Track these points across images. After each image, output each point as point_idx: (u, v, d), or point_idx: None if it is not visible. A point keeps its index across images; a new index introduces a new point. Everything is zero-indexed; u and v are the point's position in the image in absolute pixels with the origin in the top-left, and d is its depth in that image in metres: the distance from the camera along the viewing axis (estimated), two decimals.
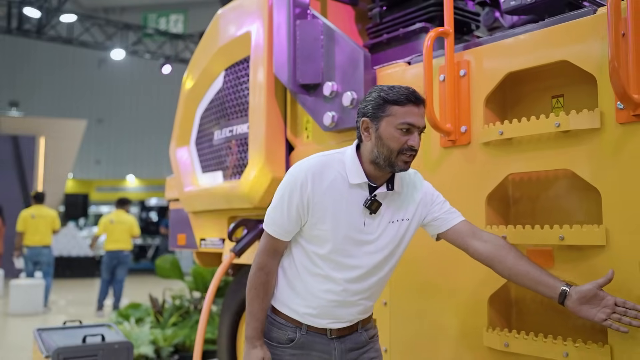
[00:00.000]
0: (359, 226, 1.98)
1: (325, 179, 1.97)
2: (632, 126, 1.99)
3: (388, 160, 1.95)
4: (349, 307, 2.05)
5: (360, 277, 2.02)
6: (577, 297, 1.89)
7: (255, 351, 2.04)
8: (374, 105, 1.96)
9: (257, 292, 2.06)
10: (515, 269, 2.00)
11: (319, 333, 2.06)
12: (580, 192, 2.24)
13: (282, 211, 1.99)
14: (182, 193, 4.17)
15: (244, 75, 3.63)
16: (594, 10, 2.15)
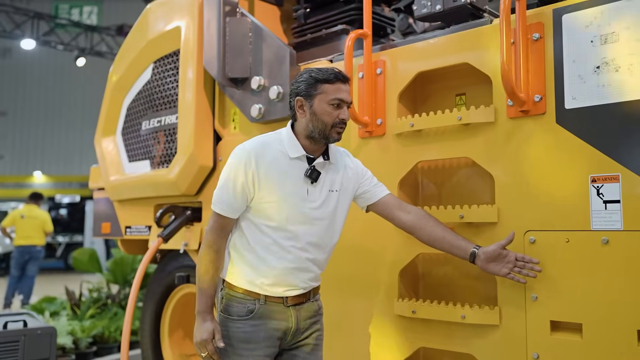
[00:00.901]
0: (303, 195, 2.18)
1: (268, 156, 2.16)
2: (519, 120, 2.34)
3: (323, 133, 2.17)
4: (302, 273, 2.21)
5: (310, 243, 2.20)
6: (485, 256, 2.21)
7: (207, 324, 2.18)
8: (307, 85, 2.18)
9: (206, 268, 2.20)
10: (434, 234, 2.30)
11: (277, 302, 2.20)
12: (477, 177, 2.58)
13: (229, 190, 2.16)
14: (108, 182, 4.24)
15: (173, 67, 3.77)
16: (491, 21, 2.50)
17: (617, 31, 2.13)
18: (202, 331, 2.17)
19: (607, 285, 2.09)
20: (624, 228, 2.06)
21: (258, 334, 2.19)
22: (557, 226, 2.21)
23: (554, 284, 2.21)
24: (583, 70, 2.19)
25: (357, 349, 2.80)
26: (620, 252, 2.07)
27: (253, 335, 2.19)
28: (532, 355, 2.24)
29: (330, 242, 2.29)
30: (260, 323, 2.19)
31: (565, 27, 2.24)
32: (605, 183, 2.11)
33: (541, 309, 2.24)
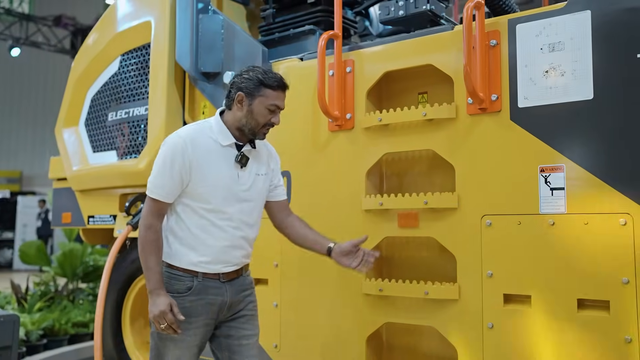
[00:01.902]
0: (234, 178, 2.37)
1: (201, 143, 2.34)
2: (477, 117, 2.63)
3: (252, 131, 2.38)
4: (236, 250, 2.42)
5: (242, 222, 2.40)
6: (339, 250, 2.45)
7: (162, 299, 2.27)
8: (252, 85, 2.34)
9: (150, 248, 2.31)
10: (301, 232, 2.56)
11: (213, 278, 2.38)
12: (439, 167, 2.85)
13: (165, 175, 2.30)
14: (71, 172, 4.29)
15: (142, 61, 3.88)
16: (452, 27, 2.78)
17: (563, 40, 2.44)
18: (159, 304, 2.26)
19: (552, 261, 2.41)
20: (567, 211, 2.38)
21: (196, 309, 2.37)
22: (511, 210, 2.51)
23: (507, 262, 2.51)
24: (534, 74, 2.50)
25: (326, 326, 3.02)
26: (564, 232, 2.39)
27: (192, 309, 2.36)
28: (488, 325, 2.53)
29: (258, 220, 2.51)
30: (197, 298, 2.37)
31: (519, 35, 2.55)
32: (552, 173, 2.42)
33: (495, 284, 2.53)
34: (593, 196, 2.34)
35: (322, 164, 3.10)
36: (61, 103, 4.54)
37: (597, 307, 2.32)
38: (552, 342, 2.38)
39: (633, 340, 2.22)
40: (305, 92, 3.21)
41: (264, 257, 3.23)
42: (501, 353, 2.50)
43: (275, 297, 3.22)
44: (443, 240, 2.69)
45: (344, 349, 2.96)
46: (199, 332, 2.40)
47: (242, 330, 2.48)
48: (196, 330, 2.39)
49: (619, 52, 2.32)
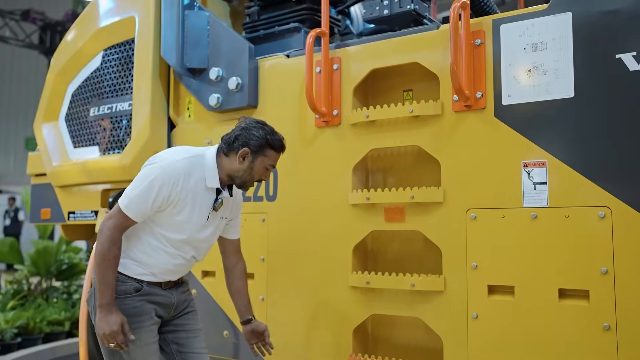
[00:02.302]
0: (203, 221, 2.49)
1: (192, 180, 2.41)
2: (463, 114, 2.72)
3: (243, 184, 2.51)
4: (180, 274, 2.60)
5: (193, 256, 2.56)
6: (253, 327, 2.72)
7: (113, 316, 2.29)
8: (259, 144, 2.45)
9: (111, 263, 2.33)
10: (238, 290, 2.76)
11: (156, 286, 2.51)
12: (424, 163, 2.93)
13: (148, 199, 2.33)
14: (51, 168, 4.25)
15: (126, 56, 3.87)
16: (438, 27, 2.86)
17: (545, 41, 2.54)
18: (112, 323, 2.28)
19: (534, 253, 2.50)
20: (549, 205, 2.48)
21: (145, 306, 2.45)
22: (495, 204, 2.60)
23: (491, 254, 2.60)
24: (517, 72, 2.59)
25: (312, 319, 3.07)
26: (545, 225, 2.48)
27: (142, 308, 2.44)
28: (472, 315, 2.62)
29: (205, 255, 2.66)
30: (147, 298, 2.47)
31: (503, 35, 2.64)
32: (535, 168, 2.52)
33: (480, 275, 2.62)
34: (574, 190, 2.44)
35: (308, 160, 3.15)
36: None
37: (578, 297, 2.42)
38: (535, 330, 2.47)
39: (611, 327, 2.33)
40: (292, 88, 3.26)
41: (250, 252, 3.26)
42: (486, 342, 2.59)
43: (261, 291, 3.26)
44: (429, 234, 2.77)
45: (330, 341, 3.01)
46: (154, 328, 2.50)
47: (189, 325, 2.63)
48: (152, 327, 2.48)
49: (599, 52, 2.42)
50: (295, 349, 3.13)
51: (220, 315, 3.40)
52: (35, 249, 6.48)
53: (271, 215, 3.26)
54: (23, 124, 23.83)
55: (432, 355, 2.85)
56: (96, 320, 2.32)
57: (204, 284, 3.50)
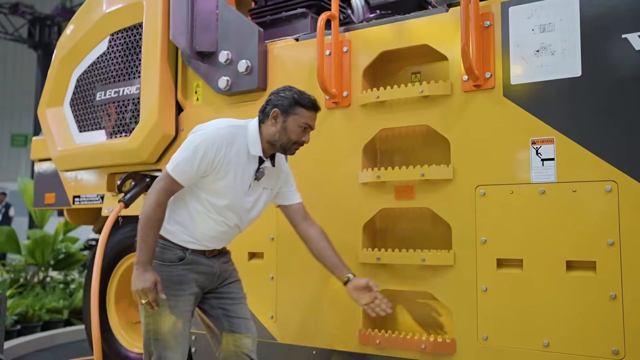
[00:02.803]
0: (246, 188, 2.55)
1: (234, 147, 2.49)
2: (472, 94, 2.80)
3: (284, 147, 2.55)
4: (224, 242, 2.67)
5: (235, 224, 2.61)
6: (354, 284, 2.62)
7: (148, 274, 2.39)
8: (288, 103, 2.53)
9: (153, 224, 2.43)
10: (324, 252, 2.71)
11: (200, 254, 2.59)
12: (432, 143, 3.00)
13: (193, 163, 2.42)
14: (56, 152, 4.27)
15: (133, 40, 3.91)
16: (447, 10, 2.93)
17: (553, 22, 2.63)
18: (144, 280, 2.37)
19: (542, 227, 2.59)
20: (557, 180, 2.57)
21: (188, 276, 2.55)
22: (503, 180, 2.69)
23: (500, 228, 2.68)
24: (525, 53, 2.68)
25: (322, 296, 3.14)
26: (553, 199, 2.57)
27: (185, 277, 2.54)
28: (482, 288, 2.70)
29: (248, 224, 2.71)
30: (190, 267, 2.56)
31: (511, 17, 2.72)
32: (543, 144, 2.60)
33: (489, 249, 2.70)
34: (581, 165, 2.52)
35: (318, 140, 3.20)
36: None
37: (585, 268, 2.51)
38: (543, 301, 2.56)
39: (617, 297, 2.42)
40: (301, 71, 3.32)
41: (260, 231, 3.33)
42: (495, 314, 2.67)
43: (271, 269, 3.32)
44: (438, 210, 2.84)
45: (341, 316, 3.08)
46: (191, 298, 2.59)
47: (233, 293, 2.72)
48: (189, 297, 2.57)
49: (605, 32, 2.51)
50: (304, 325, 3.19)
51: None
52: (32, 239, 6.48)
53: None
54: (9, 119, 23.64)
55: (440, 330, 2.92)
56: (132, 277, 2.41)
57: None
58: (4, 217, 13.82)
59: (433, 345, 2.77)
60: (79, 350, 5.47)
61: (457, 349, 2.75)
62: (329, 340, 3.11)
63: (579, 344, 2.48)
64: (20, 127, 23.67)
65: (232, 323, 2.65)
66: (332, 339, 3.11)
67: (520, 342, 2.61)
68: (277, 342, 3.26)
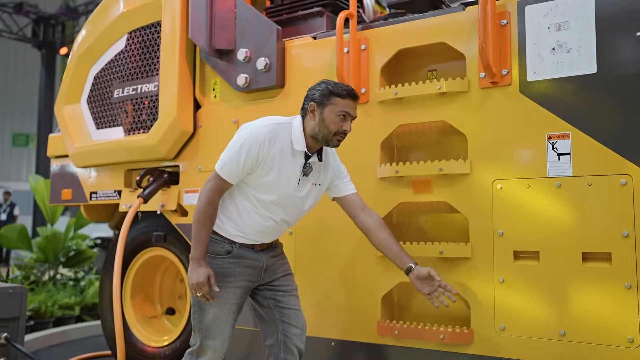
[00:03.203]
0: (294, 184, 2.61)
1: (278, 143, 2.55)
2: (489, 90, 2.87)
3: (325, 138, 2.58)
4: (272, 236, 2.74)
5: (283, 219, 2.68)
6: (416, 273, 2.63)
7: (202, 269, 2.53)
8: (322, 94, 2.57)
9: (206, 222, 2.56)
10: (385, 242, 2.72)
11: (247, 248, 2.67)
12: (450, 137, 3.08)
13: (239, 162, 2.51)
14: (73, 149, 4.35)
15: (151, 38, 3.98)
16: (464, 9, 3.01)
17: (568, 20, 2.70)
18: (199, 274, 2.51)
19: (559, 219, 2.66)
20: (573, 174, 2.64)
21: (235, 269, 2.64)
22: (520, 175, 2.76)
23: (516, 221, 2.75)
24: (542, 51, 2.75)
25: (341, 288, 3.21)
26: (569, 193, 2.64)
27: (231, 270, 2.64)
28: (499, 279, 2.77)
29: (297, 219, 2.79)
30: (237, 261, 2.64)
31: (528, 15, 2.79)
32: (559, 140, 2.68)
33: (506, 242, 2.77)
34: (596, 160, 2.60)
35: None
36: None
37: (600, 259, 2.59)
38: (559, 292, 2.63)
39: (632, 286, 2.50)
40: (319, 68, 3.39)
41: None
42: (512, 305, 2.74)
43: (289, 263, 3.38)
44: (456, 204, 2.92)
45: (359, 308, 3.15)
46: (238, 291, 2.66)
47: (284, 286, 2.79)
48: (235, 290, 2.65)
49: (619, 30, 2.58)
50: (323, 317, 3.26)
51: None
52: (44, 236, 6.54)
53: None
54: (10, 118, 23.70)
55: (457, 321, 3.00)
56: (188, 272, 2.54)
57: None
58: (9, 216, 13.89)
59: (451, 336, 2.84)
60: (90, 345, 5.54)
61: (475, 339, 2.82)
62: (347, 331, 3.19)
63: (594, 333, 2.56)
64: (22, 126, 23.75)
65: (283, 313, 2.74)
66: (350, 330, 3.18)
67: (536, 332, 2.68)
68: None
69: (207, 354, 2.67)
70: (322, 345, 3.25)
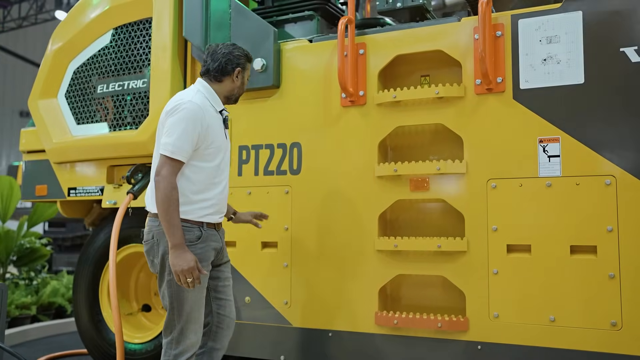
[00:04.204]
0: (224, 137, 2.86)
1: (207, 110, 2.77)
2: (484, 96, 3.10)
3: (236, 97, 2.95)
4: (225, 199, 2.93)
5: (227, 178, 2.91)
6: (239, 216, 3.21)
7: (188, 255, 2.61)
8: (244, 61, 2.92)
9: (175, 206, 2.62)
10: None
11: (211, 228, 2.82)
12: (441, 140, 3.29)
13: (188, 139, 2.66)
14: (50, 144, 4.27)
15: (139, 35, 3.99)
16: (459, 20, 3.22)
17: (558, 34, 2.97)
18: (188, 260, 2.59)
19: (549, 215, 2.92)
20: (562, 174, 2.90)
21: (206, 253, 2.78)
22: (513, 175, 3.00)
23: (509, 218, 2.99)
24: (533, 61, 3.00)
25: (337, 281, 3.36)
26: (558, 191, 2.91)
27: (203, 255, 2.76)
28: (493, 271, 3.01)
29: None
30: (205, 245, 2.77)
31: (521, 28, 3.04)
32: (549, 143, 2.94)
33: (500, 236, 3.01)
34: (583, 162, 2.87)
35: (333, 136, 3.44)
36: None
37: (587, 251, 2.86)
38: (549, 281, 2.89)
39: (615, 276, 2.78)
40: (315, 70, 3.53)
41: (274, 222, 3.51)
42: (505, 294, 2.98)
43: (285, 258, 3.50)
44: (452, 201, 3.13)
45: (355, 301, 3.31)
46: (208, 274, 2.81)
47: (225, 273, 3.00)
48: (208, 273, 2.80)
49: (605, 45, 2.87)
50: (320, 309, 3.40)
51: (242, 282, 3.60)
52: None
53: (295, 188, 3.51)
54: None
55: (450, 311, 3.21)
56: (172, 260, 2.59)
57: None
58: None
59: (448, 324, 3.05)
60: (50, 345, 5.42)
61: (470, 326, 3.04)
62: (345, 322, 3.34)
63: (581, 318, 2.83)
64: None
65: (220, 305, 2.95)
66: (347, 321, 3.33)
67: (528, 318, 2.93)
68: (292, 327, 3.45)
69: (189, 338, 2.73)
70: (319, 337, 3.39)
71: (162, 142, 2.68)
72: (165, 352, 2.76)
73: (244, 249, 3.63)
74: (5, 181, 6.42)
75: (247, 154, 3.68)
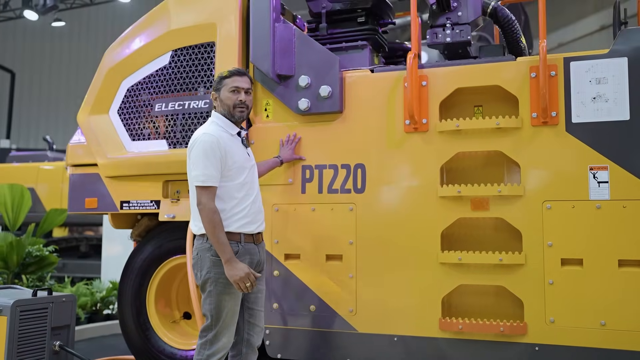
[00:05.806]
0: (246, 157, 3.28)
1: (223, 137, 3.16)
2: (539, 128, 3.53)
3: (230, 113, 3.24)
4: (260, 212, 3.32)
5: (256, 188, 3.31)
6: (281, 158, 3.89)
7: (240, 265, 3.03)
8: (216, 83, 3.29)
9: (220, 227, 3.05)
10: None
11: (250, 242, 3.20)
12: (502, 166, 3.69)
13: (213, 167, 3.06)
14: (105, 159, 4.43)
15: (201, 57, 4.22)
16: (515, 59, 3.64)
17: (606, 76, 3.43)
18: (242, 268, 3.02)
19: (598, 234, 3.37)
20: (610, 198, 3.36)
21: None
22: (567, 197, 3.44)
23: (563, 235, 3.43)
24: (584, 99, 3.45)
25: (402, 291, 3.71)
26: (607, 213, 3.36)
27: None
28: (549, 281, 3.43)
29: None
30: (242, 259, 3.12)
31: (573, 69, 3.49)
32: (599, 170, 3.39)
33: (554, 251, 3.44)
34: (629, 187, 3.34)
35: (397, 159, 3.79)
36: None
37: (633, 265, 3.33)
38: (599, 290, 3.34)
39: None
40: (378, 98, 3.87)
41: (338, 236, 3.83)
42: (560, 301, 3.41)
43: (350, 270, 3.83)
44: (511, 220, 3.54)
45: (420, 307, 3.67)
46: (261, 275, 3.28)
47: (259, 285, 3.34)
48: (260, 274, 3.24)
49: None
50: (385, 317, 3.74)
51: (307, 292, 3.90)
52: (7, 242, 6.27)
53: (360, 205, 3.84)
54: None
55: (507, 317, 3.61)
56: (228, 272, 3.00)
57: (287, 265, 3.97)
58: None
59: (509, 328, 3.45)
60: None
61: (529, 330, 3.45)
62: (409, 328, 3.69)
63: (629, 322, 3.29)
64: None
65: (251, 314, 3.31)
66: (412, 326, 3.69)
67: (581, 323, 3.37)
68: (358, 332, 3.78)
69: (222, 341, 3.11)
70: (384, 341, 3.73)
71: (192, 175, 3.11)
72: (199, 351, 3.13)
73: (308, 261, 3.92)
74: (17, 190, 6.42)
75: (310, 173, 3.98)
